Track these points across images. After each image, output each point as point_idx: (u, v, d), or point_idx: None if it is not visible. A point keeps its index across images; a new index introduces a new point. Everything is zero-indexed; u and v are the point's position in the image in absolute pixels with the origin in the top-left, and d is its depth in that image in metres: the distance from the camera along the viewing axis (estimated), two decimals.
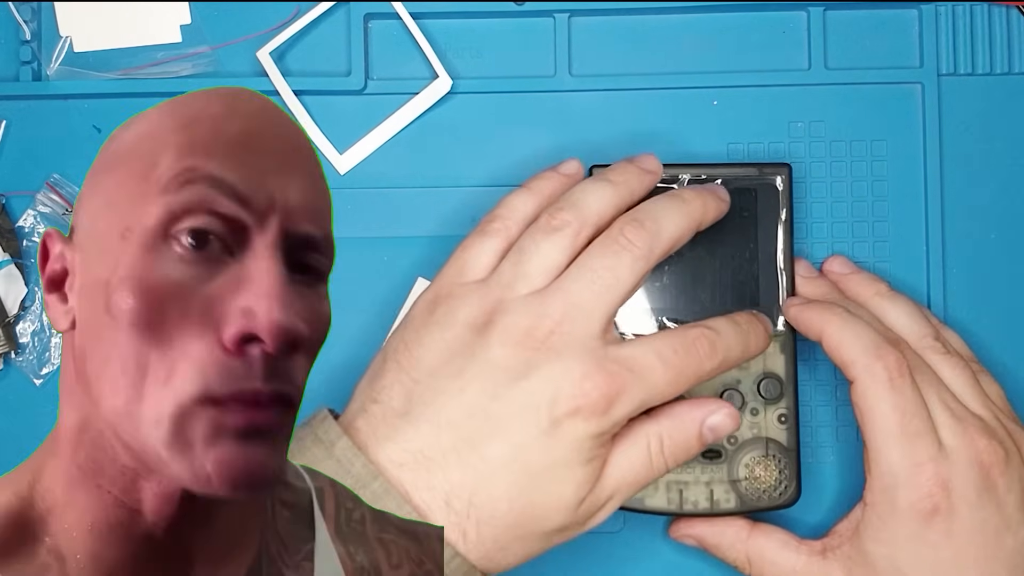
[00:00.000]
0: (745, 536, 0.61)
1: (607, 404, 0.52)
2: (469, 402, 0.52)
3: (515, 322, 0.53)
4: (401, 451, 0.52)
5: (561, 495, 0.53)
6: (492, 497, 0.52)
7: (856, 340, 0.57)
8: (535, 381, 0.52)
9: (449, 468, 0.52)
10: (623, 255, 0.55)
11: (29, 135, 0.66)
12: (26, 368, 0.66)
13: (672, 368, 0.54)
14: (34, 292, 0.66)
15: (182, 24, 0.66)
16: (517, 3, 0.66)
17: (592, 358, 0.53)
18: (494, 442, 0.52)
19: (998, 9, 0.66)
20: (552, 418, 0.52)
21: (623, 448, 0.55)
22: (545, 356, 0.53)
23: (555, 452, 0.52)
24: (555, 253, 0.55)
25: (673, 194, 0.58)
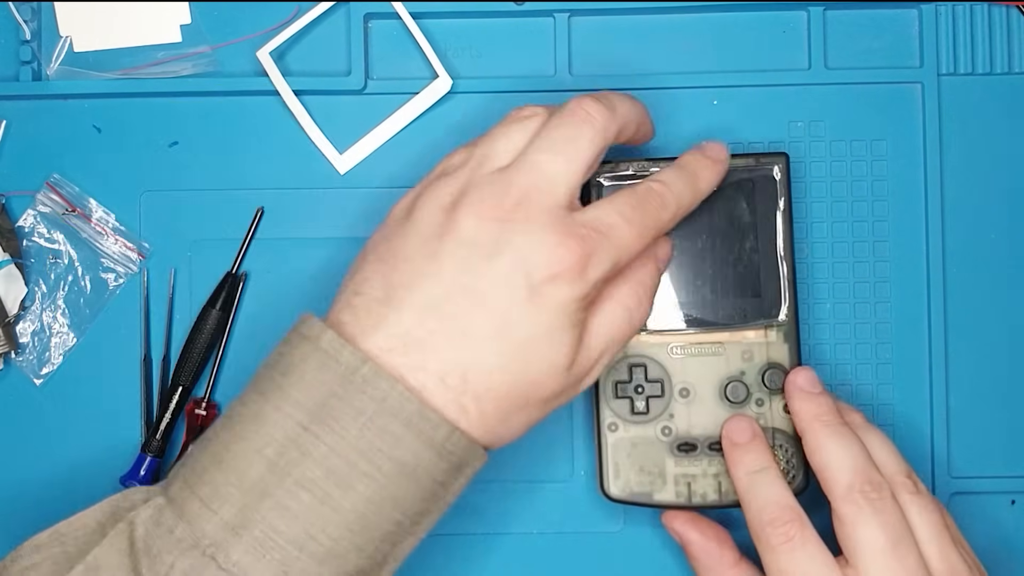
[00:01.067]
0: (725, 567, 0.61)
1: (582, 267, 0.53)
2: (447, 281, 0.53)
3: (482, 196, 0.54)
4: (388, 337, 0.52)
5: (552, 358, 0.53)
6: (486, 369, 0.52)
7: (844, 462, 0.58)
8: (509, 252, 0.53)
9: (439, 347, 0.52)
10: (583, 127, 0.55)
11: (29, 135, 0.66)
12: (26, 368, 0.66)
13: (634, 224, 0.55)
14: (34, 292, 0.66)
15: (182, 24, 0.66)
16: (517, 3, 0.66)
17: (561, 225, 0.53)
18: (478, 316, 0.52)
19: (998, 9, 0.66)
20: (531, 286, 0.52)
21: (604, 310, 0.56)
22: (515, 227, 0.53)
23: (540, 318, 0.53)
24: (522, 135, 0.56)
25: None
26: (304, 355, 0.52)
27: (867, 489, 0.57)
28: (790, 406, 0.61)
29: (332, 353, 0.51)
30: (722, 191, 0.62)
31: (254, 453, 0.50)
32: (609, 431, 0.62)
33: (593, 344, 0.55)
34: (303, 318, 0.54)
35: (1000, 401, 0.66)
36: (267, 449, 0.50)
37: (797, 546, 0.57)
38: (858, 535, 0.56)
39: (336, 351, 0.51)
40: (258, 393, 0.52)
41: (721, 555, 0.61)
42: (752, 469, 0.60)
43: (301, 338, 0.53)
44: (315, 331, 0.52)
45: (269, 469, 0.50)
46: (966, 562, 0.58)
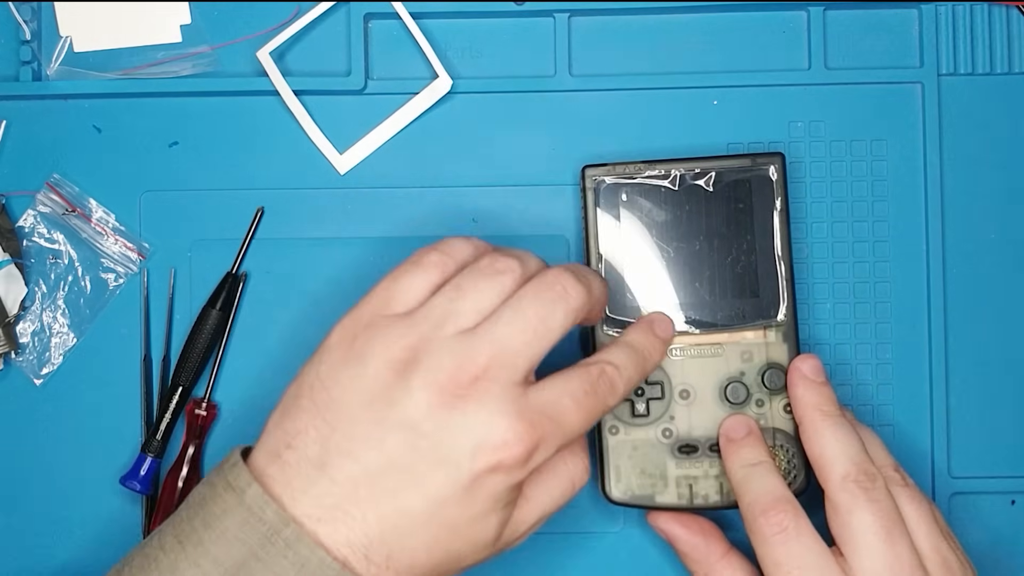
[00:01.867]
0: (713, 560, 0.61)
1: (527, 456, 0.51)
2: (388, 453, 0.50)
3: (439, 364, 0.51)
4: (317, 506, 0.50)
5: (480, 538, 0.52)
6: (411, 548, 0.51)
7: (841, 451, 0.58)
8: (456, 432, 0.50)
9: (367, 522, 0.50)
10: (558, 305, 0.53)
11: (29, 135, 0.66)
12: (26, 368, 0.66)
13: (584, 409, 0.53)
14: (34, 292, 0.66)
15: (182, 24, 0.66)
16: (517, 3, 0.66)
17: (515, 408, 0.51)
18: (412, 496, 0.50)
19: (998, 9, 0.66)
20: (473, 473, 0.50)
21: (545, 481, 0.55)
22: (467, 405, 0.51)
23: (474, 505, 0.51)
24: (492, 295, 0.53)
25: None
26: (227, 508, 0.50)
27: (862, 478, 0.57)
28: (791, 393, 0.61)
29: (256, 511, 0.50)
30: (719, 192, 0.62)
31: None
32: (610, 434, 0.62)
33: (527, 517, 0.54)
34: (233, 459, 0.52)
35: (1000, 401, 0.66)
36: None
37: (791, 536, 0.57)
38: (852, 523, 0.56)
39: (260, 509, 0.50)
40: (177, 542, 0.50)
41: (708, 548, 0.61)
42: (747, 462, 0.60)
43: (227, 486, 0.51)
44: (241, 482, 0.50)
45: None
46: (956, 554, 0.58)
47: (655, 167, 0.62)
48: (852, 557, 0.56)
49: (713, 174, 0.62)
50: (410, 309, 0.53)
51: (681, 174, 0.62)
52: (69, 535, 0.66)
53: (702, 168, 0.62)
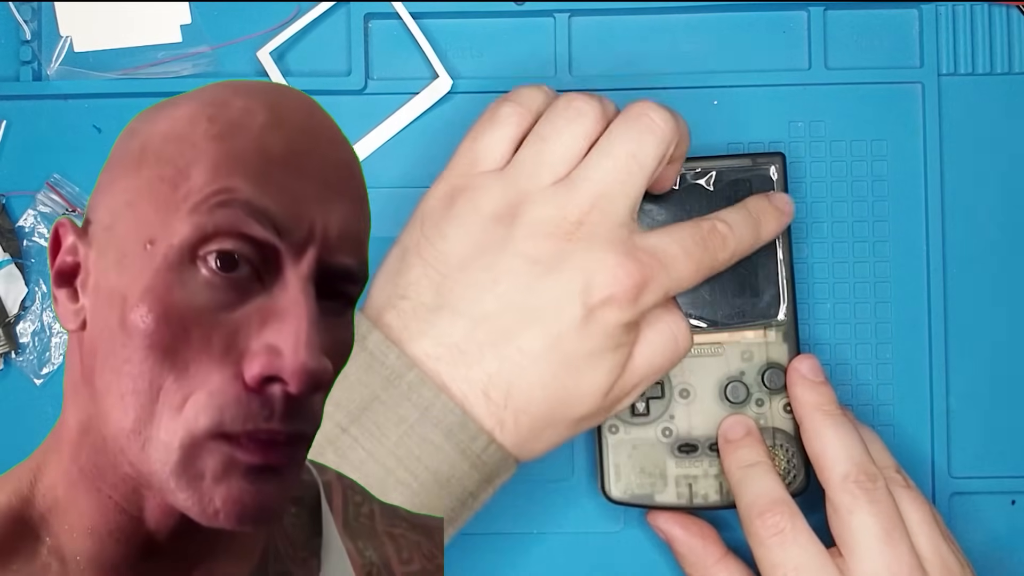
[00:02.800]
0: (711, 562, 0.61)
1: (637, 292, 0.52)
2: (503, 295, 0.52)
3: (542, 214, 0.52)
4: (436, 344, 0.51)
5: (593, 382, 0.53)
6: (529, 386, 0.52)
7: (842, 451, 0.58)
8: (567, 272, 0.52)
9: (486, 360, 0.51)
10: (646, 137, 0.54)
11: (29, 135, 0.66)
12: (26, 368, 0.66)
13: (693, 259, 0.54)
14: (34, 292, 0.66)
15: (182, 24, 0.66)
16: (517, 3, 0.66)
17: (622, 247, 0.52)
18: (530, 333, 0.52)
19: (998, 9, 0.66)
20: (587, 307, 0.52)
21: (649, 335, 0.55)
22: (575, 246, 0.52)
23: (590, 340, 0.52)
24: (577, 140, 0.54)
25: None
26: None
27: (863, 479, 0.57)
28: (791, 393, 0.61)
29: (378, 355, 0.51)
30: (719, 192, 0.62)
31: None
32: (610, 433, 0.62)
33: (635, 369, 0.55)
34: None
35: (1000, 401, 0.66)
36: None
37: (788, 538, 0.57)
38: (853, 523, 0.56)
39: (383, 353, 0.51)
40: None
41: (706, 550, 0.61)
42: (745, 463, 0.60)
43: None
44: (362, 329, 0.51)
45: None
46: (956, 556, 0.58)
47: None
48: (851, 558, 0.56)
49: (714, 173, 0.62)
50: (499, 165, 0.54)
51: (682, 173, 0.62)
52: None
53: (703, 168, 0.62)
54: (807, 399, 0.60)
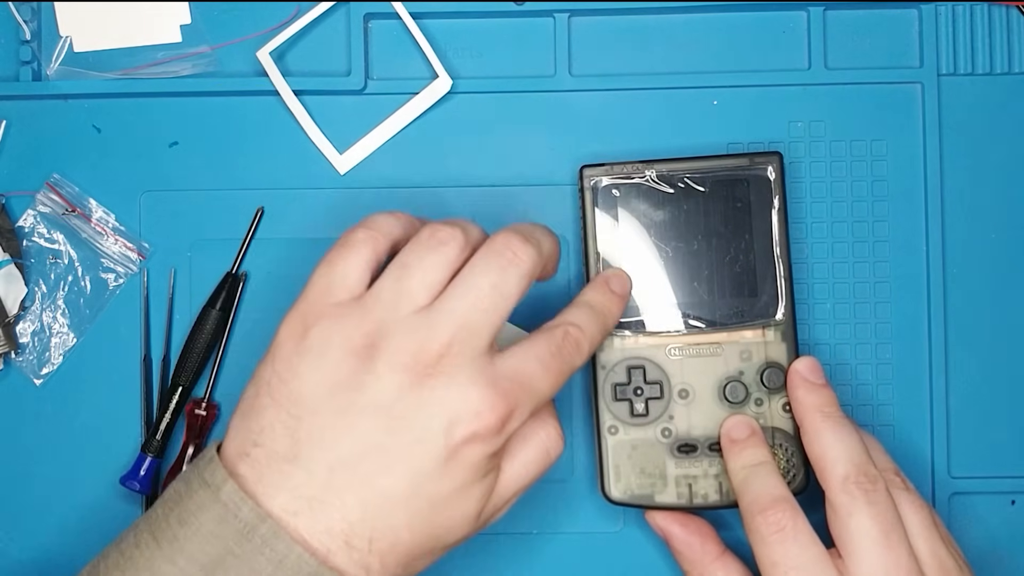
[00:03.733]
0: (708, 560, 0.61)
1: (502, 423, 0.51)
2: (361, 438, 0.50)
3: (401, 347, 0.50)
4: (294, 499, 0.50)
5: (463, 513, 0.52)
6: (393, 528, 0.50)
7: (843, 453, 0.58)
8: (428, 410, 0.50)
9: (347, 508, 0.50)
10: (509, 270, 0.52)
11: (29, 135, 0.66)
12: (26, 368, 0.66)
13: (552, 372, 0.53)
14: (34, 292, 0.66)
15: (182, 24, 0.66)
16: (517, 3, 0.66)
17: (483, 378, 0.51)
18: (391, 477, 0.50)
19: (998, 9, 0.66)
20: (449, 447, 0.50)
21: (520, 451, 0.54)
22: (436, 382, 0.50)
23: (454, 478, 0.51)
24: (439, 269, 0.52)
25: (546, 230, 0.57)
26: (202, 504, 0.50)
27: (862, 480, 0.57)
28: (791, 395, 0.61)
29: (231, 508, 0.49)
30: (717, 191, 0.62)
31: None
32: (609, 434, 0.62)
33: (506, 489, 0.54)
34: (209, 455, 0.51)
35: (1000, 401, 0.66)
36: None
37: (789, 537, 0.57)
38: (852, 525, 0.56)
39: (236, 506, 0.49)
40: (153, 538, 0.50)
41: (704, 548, 0.61)
42: (748, 463, 0.60)
43: (202, 483, 0.50)
44: (217, 479, 0.50)
45: None
46: (955, 560, 0.58)
47: (653, 167, 0.62)
48: (850, 560, 0.56)
49: (711, 174, 0.62)
50: (355, 294, 0.52)
51: (678, 175, 0.62)
52: (69, 535, 0.66)
53: (700, 168, 0.62)
54: (807, 400, 0.60)
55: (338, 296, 0.52)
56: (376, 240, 0.54)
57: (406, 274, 0.52)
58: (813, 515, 0.58)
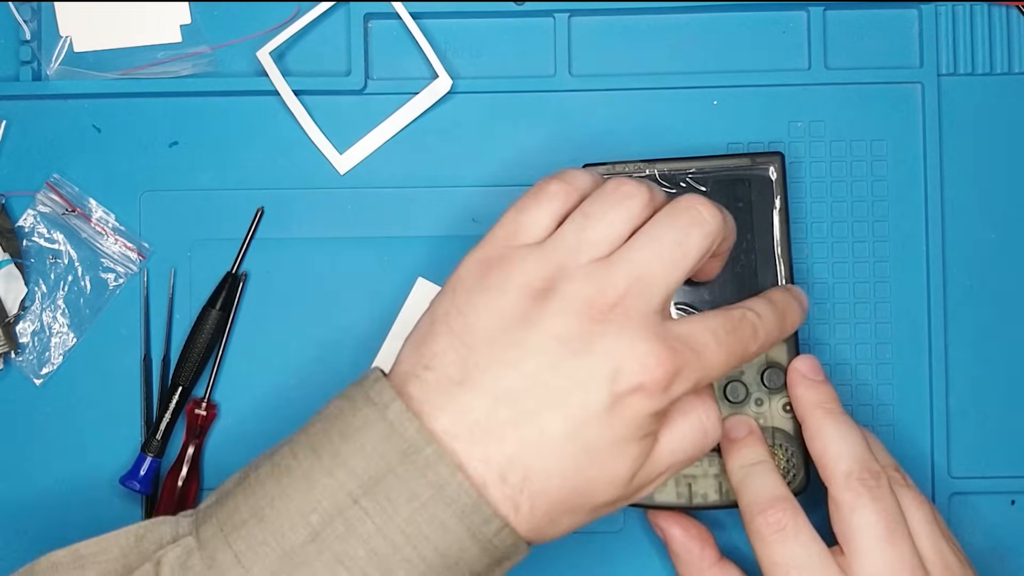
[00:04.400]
0: (705, 567, 0.61)
1: (668, 381, 0.50)
2: (529, 373, 0.50)
3: (577, 291, 0.51)
4: (457, 422, 0.50)
5: (616, 471, 0.51)
6: (548, 472, 0.50)
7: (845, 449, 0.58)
8: (597, 355, 0.50)
9: (506, 441, 0.50)
10: (693, 229, 0.53)
11: (29, 135, 0.66)
12: (26, 368, 0.66)
13: (725, 348, 0.53)
14: (34, 292, 0.66)
15: (182, 24, 0.66)
16: (517, 3, 0.66)
17: (654, 333, 0.51)
18: (554, 416, 0.50)
19: (998, 9, 0.66)
20: (614, 394, 0.50)
21: (678, 424, 0.54)
22: (607, 328, 0.50)
23: (615, 429, 0.50)
24: (622, 222, 0.53)
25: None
26: (367, 421, 0.50)
27: (865, 476, 0.57)
28: (791, 393, 0.61)
29: (398, 427, 0.49)
30: (718, 191, 0.62)
31: (298, 516, 0.49)
32: None
33: (660, 459, 0.53)
34: (373, 376, 0.52)
35: (1000, 401, 0.66)
36: (312, 516, 0.48)
37: (790, 536, 0.57)
38: (855, 521, 0.56)
39: (403, 426, 0.49)
40: (311, 450, 0.50)
41: (702, 553, 0.61)
42: (747, 462, 0.60)
43: (367, 401, 0.51)
44: (384, 398, 0.50)
45: (311, 538, 0.48)
46: (957, 556, 0.58)
47: (654, 167, 0.62)
48: (853, 556, 0.56)
49: (712, 173, 0.62)
50: (539, 239, 0.53)
51: (679, 174, 0.62)
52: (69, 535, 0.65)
53: (701, 168, 0.62)
54: (808, 398, 0.60)
55: (523, 239, 0.53)
56: (568, 193, 0.54)
57: (589, 224, 0.52)
58: (814, 514, 0.58)
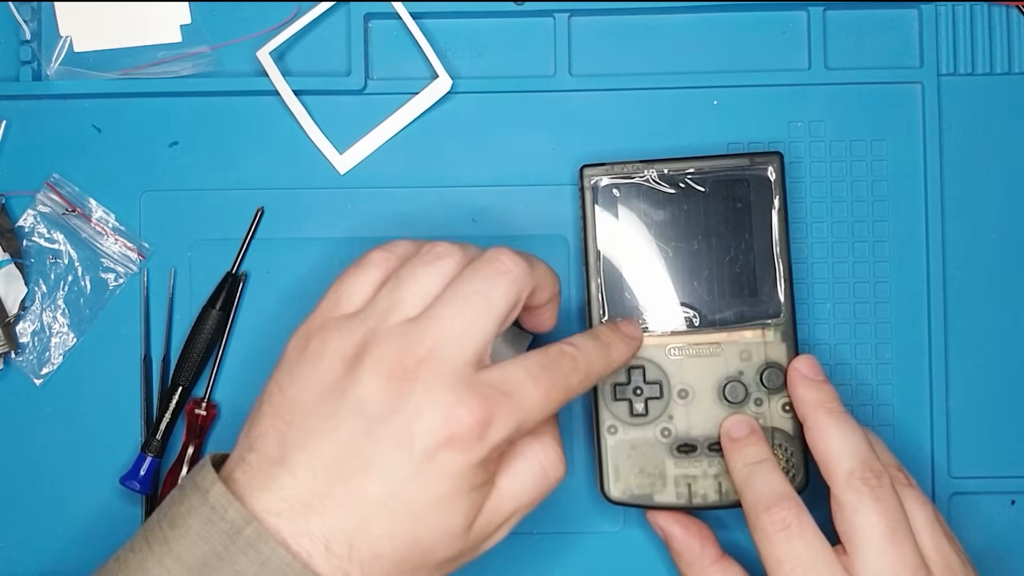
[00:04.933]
0: (707, 564, 0.61)
1: (481, 429, 0.50)
2: (342, 441, 0.50)
3: (385, 352, 0.51)
4: (277, 500, 0.50)
5: (447, 527, 0.51)
6: (373, 536, 0.50)
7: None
8: (406, 413, 0.50)
9: (327, 512, 0.50)
10: (497, 280, 0.53)
11: (29, 135, 0.66)
12: (26, 368, 0.66)
13: (542, 384, 0.52)
14: (34, 292, 0.66)
15: (182, 24, 0.66)
16: (517, 3, 0.66)
17: (464, 384, 0.51)
18: (369, 481, 0.50)
19: (998, 9, 0.66)
20: (425, 450, 0.50)
21: (516, 466, 0.54)
22: (415, 386, 0.50)
23: (433, 486, 0.50)
24: (433, 281, 0.53)
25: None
26: (192, 507, 0.50)
27: (868, 476, 0.57)
28: (792, 393, 0.61)
29: (218, 509, 0.50)
30: (717, 191, 0.62)
31: None
32: (608, 434, 0.62)
33: (502, 505, 0.53)
34: (202, 462, 0.52)
35: (1000, 401, 0.66)
36: None
37: (794, 534, 0.57)
38: (857, 521, 0.56)
39: (223, 508, 0.50)
40: (145, 541, 0.51)
41: (703, 550, 0.61)
42: (750, 461, 0.60)
43: (194, 488, 0.51)
44: (206, 482, 0.51)
45: None
46: (959, 556, 0.58)
47: (653, 167, 0.62)
48: (856, 556, 0.56)
49: (712, 173, 0.62)
50: (358, 308, 0.53)
51: (680, 174, 0.62)
52: (69, 535, 0.66)
53: (700, 168, 0.62)
54: (809, 397, 0.60)
55: (342, 310, 0.53)
56: (389, 261, 0.54)
57: (400, 285, 0.53)
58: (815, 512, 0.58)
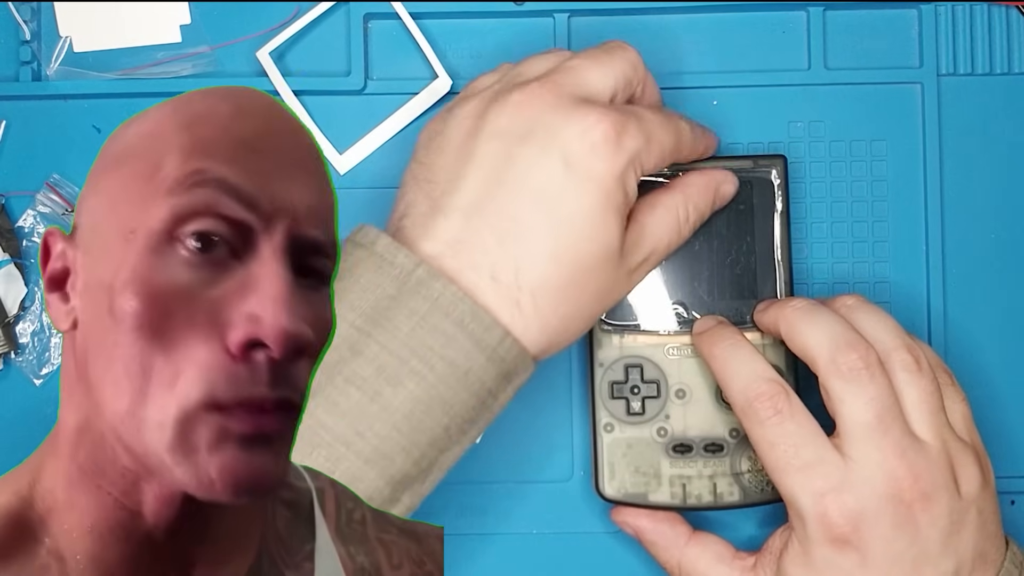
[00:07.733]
0: (682, 543, 0.61)
1: (617, 134, 0.53)
2: (485, 175, 0.53)
3: (513, 94, 0.54)
4: (436, 244, 0.53)
5: (604, 241, 0.53)
6: (535, 257, 0.52)
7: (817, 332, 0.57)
8: (542, 133, 0.53)
9: (487, 245, 0.52)
10: (616, 51, 0.57)
11: (29, 135, 0.66)
12: (26, 368, 0.66)
13: (660, 113, 0.56)
14: (34, 292, 0.66)
15: (182, 24, 0.66)
16: (517, 3, 0.66)
17: (591, 103, 0.54)
18: (519, 200, 0.52)
19: (998, 9, 0.66)
20: (566, 159, 0.52)
21: (656, 213, 0.57)
22: (545, 107, 0.53)
23: (583, 196, 0.52)
24: (554, 59, 0.57)
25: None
26: (359, 259, 0.52)
27: (852, 358, 0.56)
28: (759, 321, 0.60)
29: (387, 257, 0.52)
30: None
31: None
32: (605, 432, 0.62)
33: (643, 237, 0.56)
34: (356, 228, 0.54)
35: (1000, 402, 0.66)
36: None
37: (786, 418, 0.56)
38: (843, 411, 0.56)
39: (391, 255, 0.52)
40: None
41: (675, 530, 0.61)
42: (725, 341, 0.59)
43: (355, 246, 0.53)
44: (369, 238, 0.53)
45: (320, 369, 0.49)
46: (961, 439, 0.57)
47: None
48: (844, 445, 0.56)
49: None
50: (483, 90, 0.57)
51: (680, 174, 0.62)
52: None
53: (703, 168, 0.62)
54: (775, 309, 0.59)
55: (470, 92, 0.58)
56: (501, 70, 0.60)
57: (520, 64, 0.57)
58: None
